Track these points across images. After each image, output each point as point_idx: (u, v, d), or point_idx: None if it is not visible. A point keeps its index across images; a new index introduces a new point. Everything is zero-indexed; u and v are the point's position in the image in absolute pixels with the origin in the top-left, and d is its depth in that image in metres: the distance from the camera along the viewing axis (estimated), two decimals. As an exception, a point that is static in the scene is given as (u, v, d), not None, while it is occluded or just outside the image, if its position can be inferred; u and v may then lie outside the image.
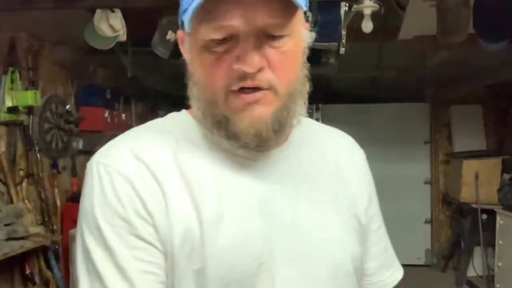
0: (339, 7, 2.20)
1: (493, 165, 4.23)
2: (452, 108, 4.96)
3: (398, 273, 0.83)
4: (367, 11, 2.13)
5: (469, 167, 4.31)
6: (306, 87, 0.68)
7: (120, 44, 2.55)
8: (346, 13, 2.26)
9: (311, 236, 0.67)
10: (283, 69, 0.61)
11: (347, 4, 2.22)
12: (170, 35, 2.46)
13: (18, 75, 2.72)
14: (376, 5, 2.13)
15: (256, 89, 0.60)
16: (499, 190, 3.75)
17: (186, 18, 0.59)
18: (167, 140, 0.66)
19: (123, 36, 2.43)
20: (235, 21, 0.57)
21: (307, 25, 0.69)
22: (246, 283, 0.62)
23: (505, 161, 4.17)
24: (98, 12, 2.33)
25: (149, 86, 4.31)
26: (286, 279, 0.64)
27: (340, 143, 0.80)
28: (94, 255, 0.59)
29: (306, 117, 0.72)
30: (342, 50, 2.42)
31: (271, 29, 0.59)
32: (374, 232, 0.79)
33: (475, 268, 4.28)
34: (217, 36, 0.58)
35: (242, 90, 0.60)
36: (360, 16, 2.18)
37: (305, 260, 0.66)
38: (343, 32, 2.35)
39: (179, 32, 0.68)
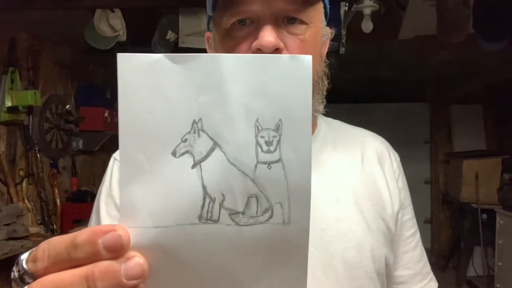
0: (339, 7, 2.20)
1: (493, 165, 4.23)
2: (452, 108, 4.96)
3: (432, 285, 0.79)
4: (367, 11, 2.13)
5: (469, 167, 4.31)
6: (324, 83, 0.69)
7: (120, 44, 2.55)
8: (346, 13, 2.26)
9: (325, 231, 0.66)
10: None
11: (347, 4, 2.22)
12: (170, 35, 2.46)
13: (18, 75, 2.72)
14: (376, 5, 2.13)
15: None
16: (499, 190, 3.75)
17: (209, 2, 0.63)
18: None
19: (123, 36, 2.43)
20: (254, 6, 0.59)
21: (329, 29, 0.71)
22: None
23: (505, 161, 4.16)
24: (98, 12, 2.33)
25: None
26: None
27: (371, 145, 0.78)
28: (91, 222, 0.73)
29: (323, 113, 0.72)
30: (342, 50, 2.42)
31: (289, 12, 0.60)
32: (407, 239, 0.76)
33: (475, 268, 4.28)
34: (237, 18, 0.60)
35: None
36: (360, 16, 2.18)
37: (319, 254, 0.65)
38: (343, 32, 2.34)
39: (206, 33, 0.71)
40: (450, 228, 5.00)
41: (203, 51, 0.72)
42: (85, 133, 3.43)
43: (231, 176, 0.33)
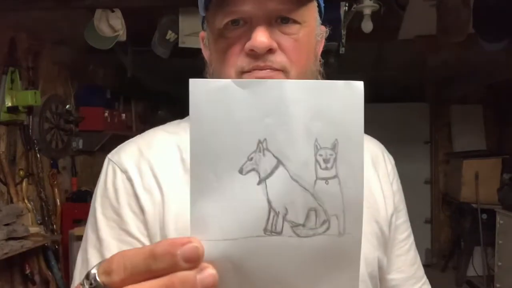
0: (339, 7, 2.20)
1: (493, 165, 4.23)
2: (452, 108, 4.96)
3: None
4: (367, 11, 2.13)
5: (469, 167, 4.31)
6: None
7: (120, 44, 2.55)
8: (346, 13, 2.26)
9: None
10: (294, 55, 0.61)
11: (347, 4, 2.22)
12: (170, 35, 2.46)
13: (18, 75, 2.72)
14: (376, 5, 2.13)
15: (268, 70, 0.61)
16: (499, 190, 3.75)
17: (201, 2, 0.63)
18: (176, 139, 0.68)
19: (123, 36, 2.43)
20: (247, 6, 0.59)
21: (323, 28, 0.70)
22: None
23: (505, 161, 4.17)
24: (98, 12, 2.33)
25: (149, 86, 4.30)
26: None
27: (366, 148, 0.74)
28: (88, 238, 0.66)
29: None
30: (342, 50, 2.42)
31: (282, 12, 0.60)
32: (400, 242, 0.76)
33: (475, 268, 4.28)
34: (230, 18, 0.60)
35: (255, 71, 0.61)
36: (360, 16, 2.18)
37: None
38: (343, 32, 2.35)
39: (201, 33, 0.71)
40: (450, 228, 5.00)
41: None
42: (85, 133, 3.44)
43: (293, 191, 0.36)
